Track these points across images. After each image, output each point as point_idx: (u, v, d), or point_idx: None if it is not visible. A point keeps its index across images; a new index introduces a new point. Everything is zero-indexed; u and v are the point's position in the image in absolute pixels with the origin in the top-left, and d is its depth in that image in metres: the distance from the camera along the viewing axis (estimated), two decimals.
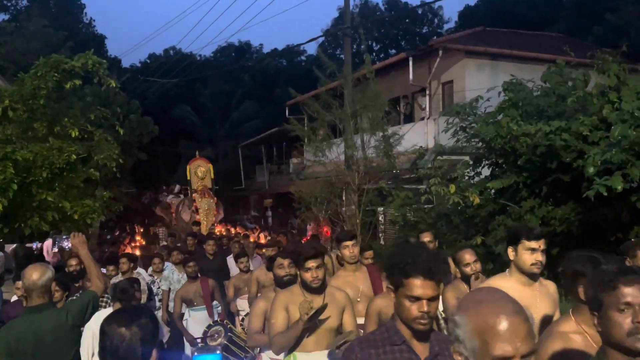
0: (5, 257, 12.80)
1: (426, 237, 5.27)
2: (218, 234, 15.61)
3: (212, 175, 17.71)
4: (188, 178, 17.53)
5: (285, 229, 19.40)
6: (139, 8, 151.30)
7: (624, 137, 7.02)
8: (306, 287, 3.87)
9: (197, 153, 18.48)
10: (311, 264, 3.83)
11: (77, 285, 6.55)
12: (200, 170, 17.41)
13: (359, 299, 4.76)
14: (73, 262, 6.94)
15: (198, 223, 15.72)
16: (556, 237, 8.99)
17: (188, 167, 17.65)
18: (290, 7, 26.57)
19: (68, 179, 10.92)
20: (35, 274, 3.70)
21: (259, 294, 6.23)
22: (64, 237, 4.66)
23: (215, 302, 7.58)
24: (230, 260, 9.65)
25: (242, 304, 7.65)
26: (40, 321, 3.64)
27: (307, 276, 3.83)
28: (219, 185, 20.17)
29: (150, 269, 8.91)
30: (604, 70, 8.69)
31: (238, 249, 9.37)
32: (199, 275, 7.64)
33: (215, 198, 17.09)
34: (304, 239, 14.56)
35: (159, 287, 8.24)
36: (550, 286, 3.66)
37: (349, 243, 4.94)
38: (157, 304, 8.04)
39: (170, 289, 8.08)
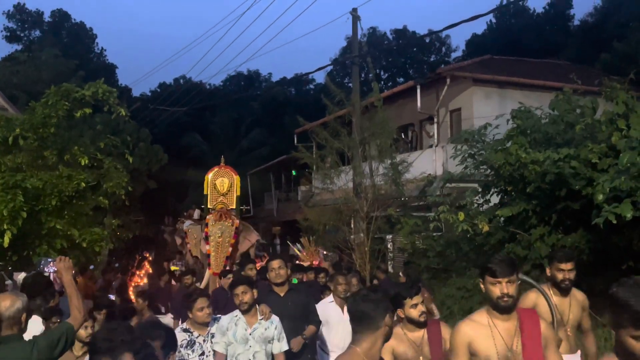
0: (13, 286, 12.77)
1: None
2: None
3: (238, 192, 12.24)
4: (205, 192, 12.15)
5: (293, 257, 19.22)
6: (150, 38, 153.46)
7: (632, 164, 6.99)
8: None
9: (222, 160, 12.74)
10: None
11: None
12: (222, 183, 12.08)
13: None
14: None
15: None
16: None
17: (206, 178, 12.21)
18: (299, 36, 26.86)
19: (77, 207, 10.93)
20: (3, 304, 3.46)
21: None
22: (50, 260, 4.56)
23: None
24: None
25: None
26: (5, 354, 3.41)
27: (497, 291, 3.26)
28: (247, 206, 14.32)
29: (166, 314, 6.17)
30: (612, 98, 8.69)
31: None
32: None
33: (237, 221, 11.54)
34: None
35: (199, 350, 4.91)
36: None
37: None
38: None
39: (227, 352, 4.86)
